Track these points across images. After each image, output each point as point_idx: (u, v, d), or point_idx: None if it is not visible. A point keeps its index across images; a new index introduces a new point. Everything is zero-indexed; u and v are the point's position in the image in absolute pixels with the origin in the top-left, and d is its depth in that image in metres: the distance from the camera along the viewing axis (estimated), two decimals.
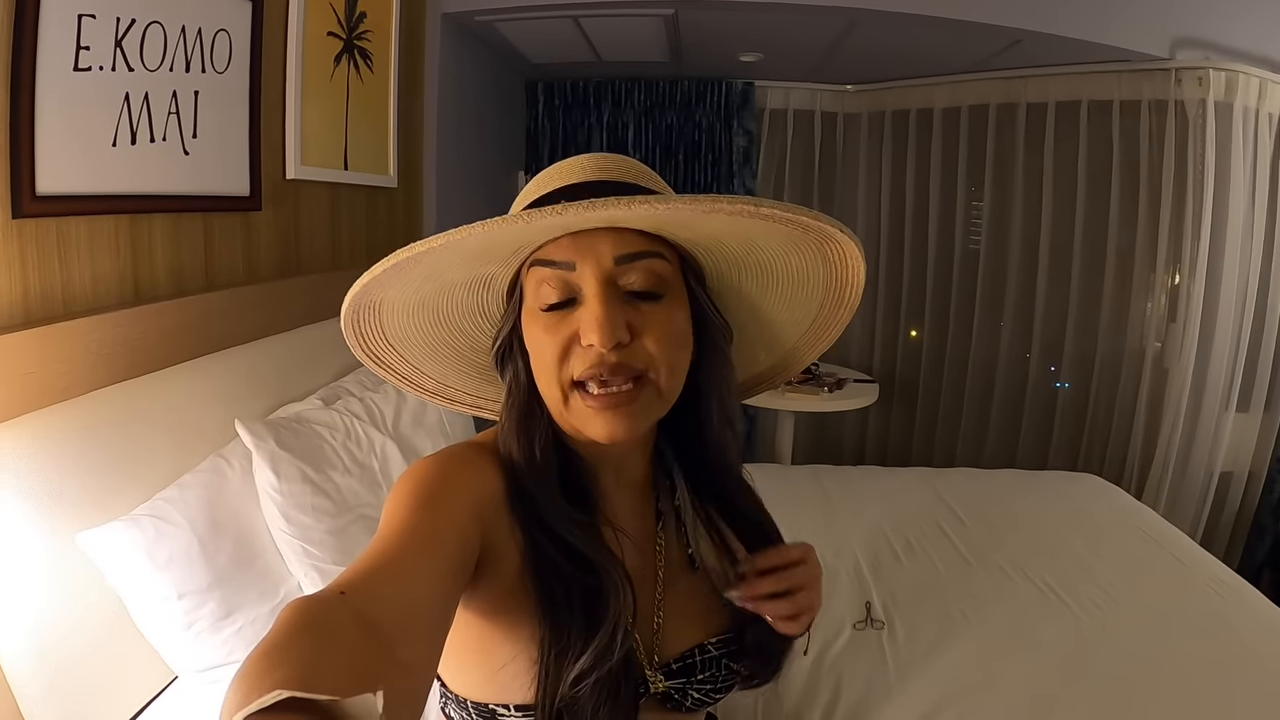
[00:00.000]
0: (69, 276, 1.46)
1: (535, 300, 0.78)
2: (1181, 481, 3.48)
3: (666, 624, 0.90)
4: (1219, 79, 3.15)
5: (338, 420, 1.80)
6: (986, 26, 2.98)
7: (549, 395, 0.79)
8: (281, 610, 0.53)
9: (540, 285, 0.77)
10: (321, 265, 2.40)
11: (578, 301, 0.76)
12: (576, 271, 0.76)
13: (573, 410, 0.78)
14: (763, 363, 1.02)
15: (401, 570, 0.63)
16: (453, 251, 0.72)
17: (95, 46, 1.45)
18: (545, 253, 0.77)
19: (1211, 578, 1.98)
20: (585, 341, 0.74)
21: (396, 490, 0.74)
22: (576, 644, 0.75)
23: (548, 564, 0.79)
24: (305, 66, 2.19)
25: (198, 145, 1.77)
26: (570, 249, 0.76)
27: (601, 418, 0.76)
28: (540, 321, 0.78)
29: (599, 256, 0.75)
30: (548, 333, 0.77)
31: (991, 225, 4.06)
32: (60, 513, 1.26)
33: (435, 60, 3.07)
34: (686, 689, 0.88)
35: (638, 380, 0.77)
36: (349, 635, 0.52)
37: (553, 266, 0.76)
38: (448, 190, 3.26)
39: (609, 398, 0.76)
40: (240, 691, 0.44)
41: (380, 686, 0.43)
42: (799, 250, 0.82)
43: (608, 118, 4.45)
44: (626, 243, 0.76)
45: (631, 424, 0.77)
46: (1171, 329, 3.50)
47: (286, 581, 1.56)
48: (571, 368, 0.76)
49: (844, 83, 4.42)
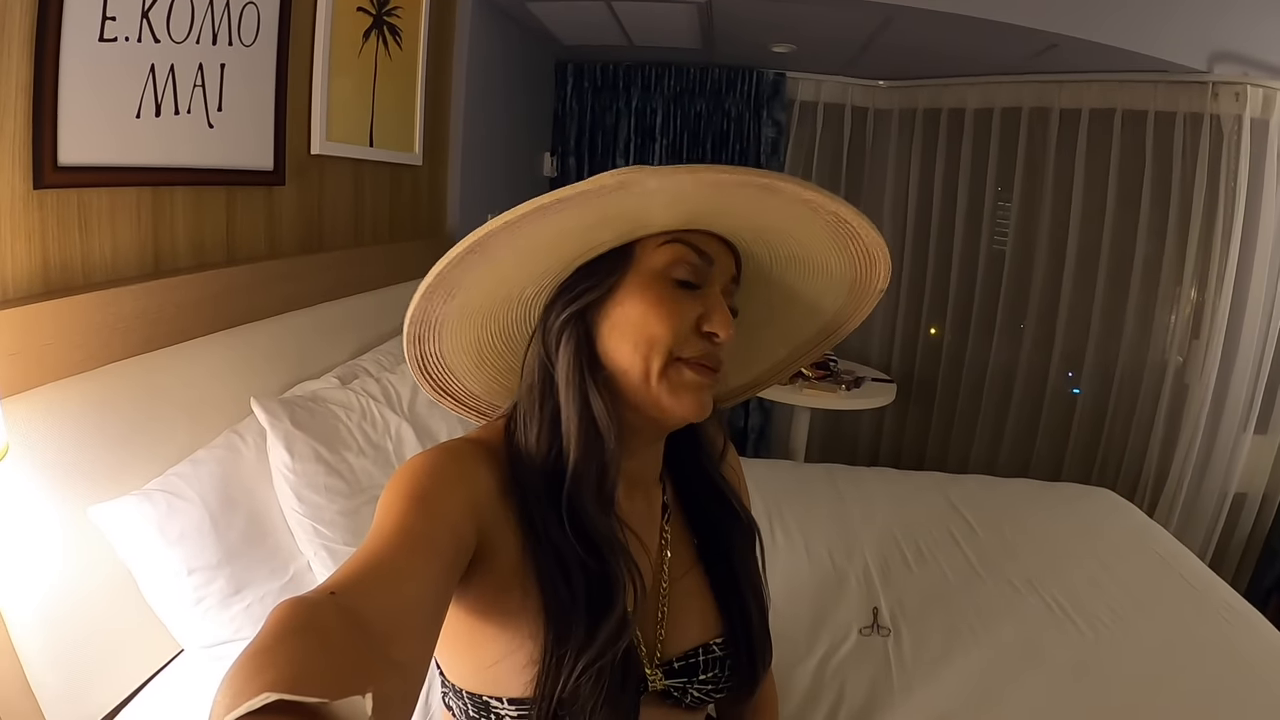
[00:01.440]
0: (89, 248, 1.45)
1: (669, 271, 0.83)
2: (1195, 500, 3.45)
3: (670, 620, 0.90)
4: (1256, 95, 3.10)
5: (353, 400, 1.80)
6: (1023, 29, 2.92)
7: (646, 360, 0.81)
8: (271, 611, 0.53)
9: (679, 262, 0.83)
10: (344, 242, 2.40)
11: (701, 290, 0.84)
12: (713, 268, 0.85)
13: (671, 380, 0.82)
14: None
15: (393, 569, 0.62)
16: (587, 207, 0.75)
17: (121, 17, 1.44)
18: (691, 238, 0.84)
19: (1221, 603, 1.96)
20: (712, 329, 0.82)
21: (389, 488, 0.74)
22: (579, 634, 0.75)
23: (551, 554, 0.78)
24: (333, 41, 2.18)
25: (222, 118, 1.76)
26: (714, 247, 0.85)
27: (701, 393, 0.83)
28: (668, 290, 0.82)
29: (727, 266, 0.87)
30: (676, 303, 0.82)
31: (1018, 229, 4.02)
32: (73, 485, 1.27)
33: (465, 38, 3.05)
34: (687, 688, 0.88)
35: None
36: (339, 636, 0.52)
37: (698, 252, 0.84)
38: (473, 169, 3.24)
39: (710, 374, 0.83)
40: (229, 694, 0.44)
41: (371, 687, 0.43)
42: (833, 247, 0.88)
43: (636, 102, 4.42)
44: (734, 266, 0.89)
45: (710, 406, 0.85)
46: (1194, 345, 3.46)
47: (296, 560, 1.57)
48: (686, 346, 0.82)
49: (876, 78, 4.37)
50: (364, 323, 2.27)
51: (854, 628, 1.80)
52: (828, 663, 1.68)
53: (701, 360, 0.82)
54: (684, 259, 0.83)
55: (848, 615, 1.85)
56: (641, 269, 0.83)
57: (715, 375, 0.84)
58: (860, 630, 1.79)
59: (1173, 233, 3.49)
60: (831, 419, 4.63)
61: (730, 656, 0.92)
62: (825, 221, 0.82)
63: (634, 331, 0.81)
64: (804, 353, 1.05)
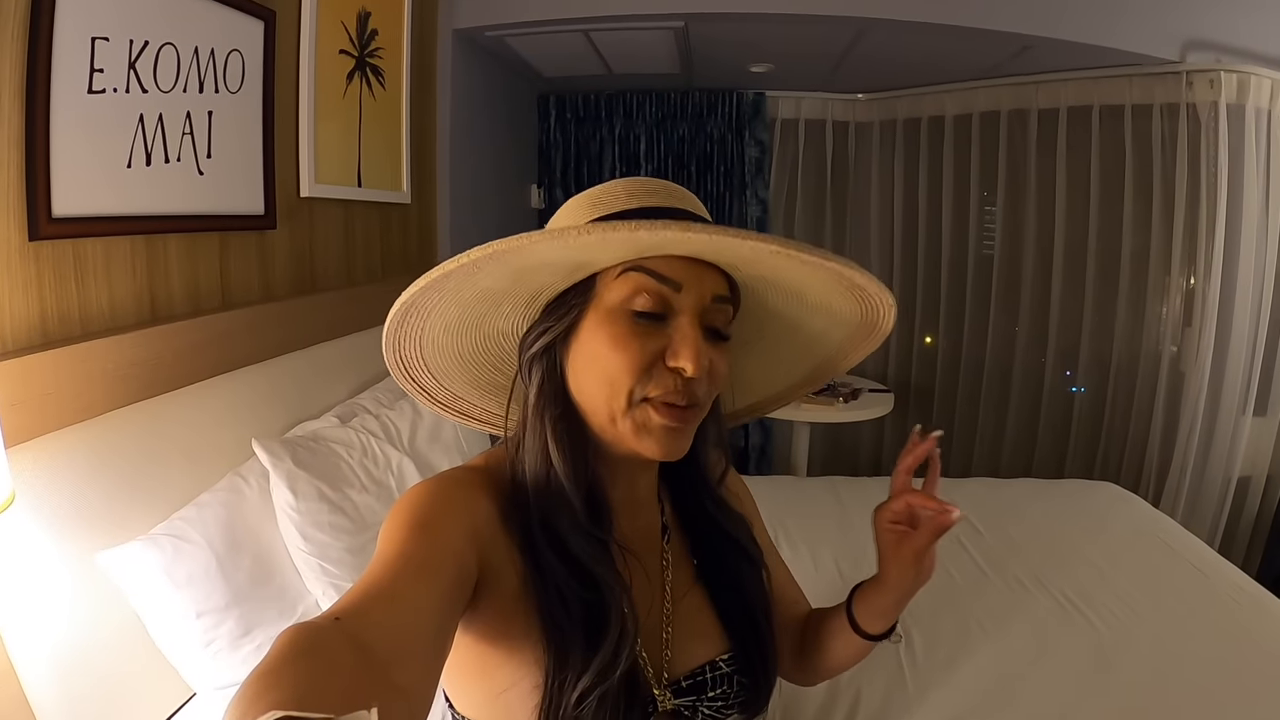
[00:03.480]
0: (86, 298, 1.47)
1: (626, 304, 0.78)
2: (1200, 486, 3.45)
3: (675, 640, 0.89)
4: (1230, 81, 3.13)
5: (354, 438, 1.81)
6: (996, 33, 2.98)
7: (608, 402, 0.79)
8: (277, 636, 0.54)
9: (638, 293, 0.77)
10: (336, 282, 2.42)
11: (668, 323, 0.78)
12: (681, 294, 0.77)
13: (636, 421, 0.78)
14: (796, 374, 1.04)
15: (396, 595, 0.63)
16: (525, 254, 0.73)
17: (109, 69, 1.47)
18: (654, 264, 0.77)
19: (1232, 586, 1.95)
20: (676, 363, 0.76)
21: (391, 516, 0.74)
22: (578, 662, 0.74)
23: (549, 583, 0.78)
24: (318, 85, 2.21)
25: (212, 165, 1.78)
26: (683, 271, 0.77)
27: (668, 435, 0.79)
28: (625, 326, 0.77)
29: (703, 289, 0.78)
30: (634, 339, 0.77)
31: (1005, 231, 4.06)
32: (80, 533, 1.27)
33: (447, 76, 3.09)
34: (697, 706, 0.87)
35: (694, 406, 0.80)
36: (344, 659, 0.53)
37: (660, 280, 0.77)
38: (461, 205, 3.27)
39: (679, 414, 0.78)
40: (236, 713, 0.45)
41: (375, 706, 0.44)
42: (834, 291, 0.84)
43: (619, 130, 4.47)
44: (720, 285, 0.80)
45: (684, 444, 0.81)
46: (1187, 333, 3.48)
47: (304, 599, 1.57)
48: (648, 386, 0.77)
49: (855, 91, 4.43)
50: (361, 361, 2.28)
51: None
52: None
53: (668, 399, 0.77)
54: (643, 288, 0.77)
55: None
56: (601, 303, 0.79)
57: (688, 413, 0.79)
58: None
59: (1158, 223, 3.53)
60: (832, 432, 4.63)
61: (738, 672, 0.91)
62: (812, 268, 0.77)
63: (595, 371, 0.79)
64: (810, 380, 1.03)
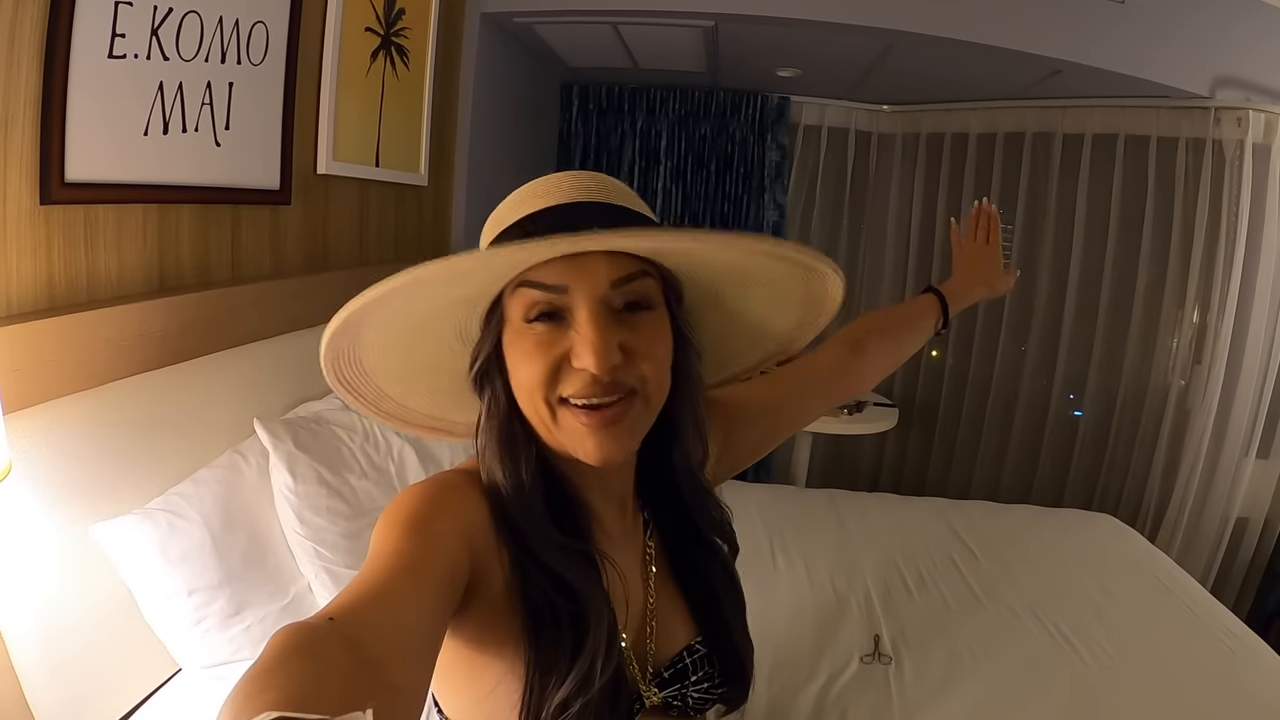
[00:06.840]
0: (95, 265, 1.46)
1: (524, 317, 0.75)
2: (1197, 525, 3.44)
3: (657, 631, 0.90)
4: (1259, 120, 3.11)
5: (356, 422, 1.80)
6: (1026, 55, 2.95)
7: (536, 414, 0.78)
8: (271, 636, 0.54)
9: (530, 307, 0.75)
10: (349, 262, 2.40)
11: (568, 321, 0.75)
12: (569, 294, 0.74)
13: (563, 428, 0.77)
14: (756, 354, 1.02)
15: (390, 596, 0.63)
16: (438, 281, 0.71)
17: (131, 34, 1.45)
18: (535, 274, 0.74)
19: (1224, 630, 1.95)
20: (579, 364, 0.73)
21: (385, 518, 0.74)
22: (561, 668, 0.74)
23: (534, 588, 0.78)
24: (342, 61, 2.20)
25: (229, 137, 1.77)
26: (564, 272, 0.73)
27: (594, 438, 0.75)
28: (528, 339, 0.75)
29: (594, 280, 0.74)
30: (537, 351, 0.75)
31: (1021, 253, 4.03)
32: (75, 503, 1.27)
33: (472, 59, 3.07)
34: (684, 694, 0.88)
35: (626, 395, 0.76)
36: (338, 660, 0.53)
37: (544, 289, 0.74)
38: (478, 190, 3.25)
39: (599, 415, 0.75)
40: (231, 714, 0.45)
41: (370, 706, 0.44)
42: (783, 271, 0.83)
43: (641, 125, 4.44)
44: (620, 266, 0.75)
45: (623, 443, 0.78)
46: (1196, 370, 3.47)
47: (297, 582, 1.56)
48: (561, 387, 0.75)
49: (880, 102, 4.39)
50: None
51: (855, 655, 1.79)
52: (829, 690, 1.67)
53: (581, 397, 0.75)
54: (530, 300, 0.75)
55: (849, 642, 1.84)
56: (510, 321, 0.78)
57: (614, 408, 0.75)
58: (861, 658, 1.78)
59: (1175, 257, 3.50)
60: (832, 444, 4.61)
61: (713, 652, 0.91)
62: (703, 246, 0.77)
63: (517, 385, 0.78)
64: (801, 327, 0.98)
